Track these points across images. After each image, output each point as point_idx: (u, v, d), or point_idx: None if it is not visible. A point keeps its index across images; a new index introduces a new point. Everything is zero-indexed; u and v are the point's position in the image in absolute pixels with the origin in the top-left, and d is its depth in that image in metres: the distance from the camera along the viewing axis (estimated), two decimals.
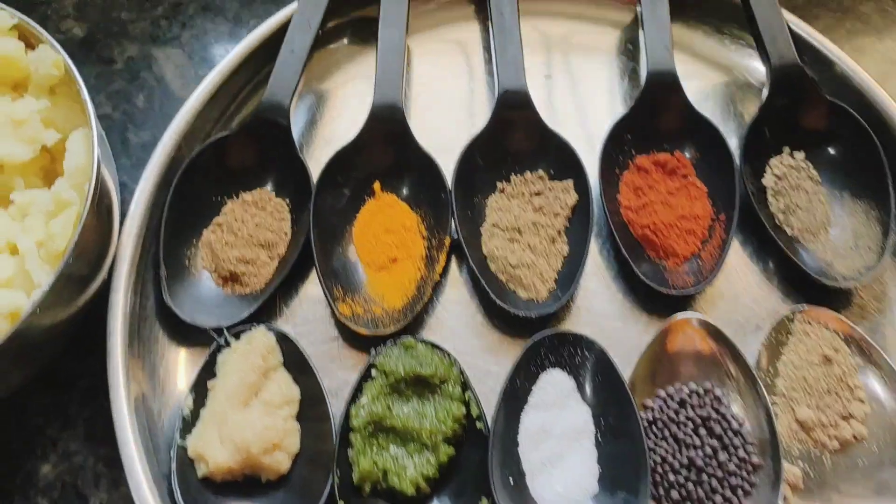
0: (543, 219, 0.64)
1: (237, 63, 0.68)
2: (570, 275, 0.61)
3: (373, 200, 0.65)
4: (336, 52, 0.74)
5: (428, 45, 0.74)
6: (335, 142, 0.66)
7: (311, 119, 0.70)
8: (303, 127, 0.69)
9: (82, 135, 0.55)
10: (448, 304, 0.63)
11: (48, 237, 0.51)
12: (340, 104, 0.71)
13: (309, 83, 0.71)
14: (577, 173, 0.64)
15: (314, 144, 0.69)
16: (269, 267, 0.62)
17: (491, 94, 0.71)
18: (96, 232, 0.53)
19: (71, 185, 0.52)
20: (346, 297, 0.61)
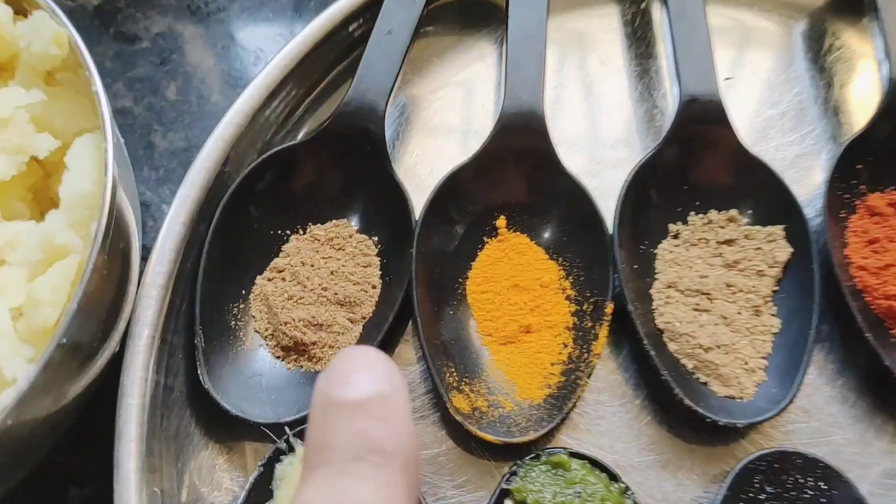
0: (742, 279, 0.45)
1: (309, 46, 0.50)
2: (789, 363, 0.42)
3: (495, 242, 0.47)
4: (442, 39, 0.55)
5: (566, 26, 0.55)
6: (439, 163, 0.48)
7: (406, 129, 0.51)
8: (393, 139, 0.51)
9: (91, 144, 0.36)
10: (602, 397, 0.44)
11: (31, 303, 0.32)
12: (447, 110, 0.52)
13: (402, 79, 0.52)
14: (791, 216, 0.45)
15: (409, 164, 0.50)
16: (349, 334, 0.44)
17: (654, 106, 0.52)
18: (106, 291, 0.35)
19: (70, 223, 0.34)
20: (462, 383, 0.42)
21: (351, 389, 0.23)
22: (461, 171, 0.46)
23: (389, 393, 0.23)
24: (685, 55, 0.48)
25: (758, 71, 0.54)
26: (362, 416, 0.23)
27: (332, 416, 0.23)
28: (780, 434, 0.43)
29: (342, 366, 0.24)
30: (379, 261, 0.46)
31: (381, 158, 0.46)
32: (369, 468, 0.22)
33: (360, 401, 0.23)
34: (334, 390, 0.23)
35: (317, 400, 0.24)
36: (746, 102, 0.52)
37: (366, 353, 0.24)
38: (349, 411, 0.23)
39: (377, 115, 0.46)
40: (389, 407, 0.23)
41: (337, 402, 0.23)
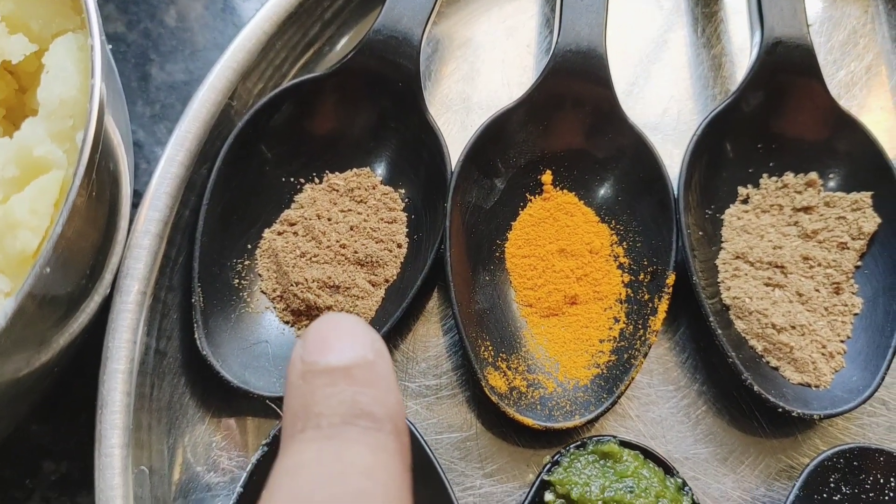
0: (821, 252, 0.40)
1: None
2: (872, 349, 0.38)
3: (539, 201, 0.42)
4: None
5: None
6: (479, 107, 0.43)
7: (440, 69, 0.46)
8: (425, 79, 0.46)
9: (73, 44, 0.31)
10: (654, 380, 0.40)
11: (7, 226, 0.28)
12: (488, 47, 0.47)
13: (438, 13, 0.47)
14: (881, 182, 0.41)
15: (442, 109, 0.45)
16: (370, 299, 0.39)
17: (730, 47, 0.47)
18: (92, 222, 0.31)
19: (51, 134, 0.29)
20: (499, 359, 0.38)
21: (333, 355, 0.23)
22: (505, 115, 0.41)
23: (373, 359, 0.23)
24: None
25: (839, 19, 0.49)
26: (346, 382, 0.23)
27: (314, 382, 0.23)
28: (854, 427, 0.39)
29: (321, 332, 0.24)
30: (406, 216, 0.42)
31: (414, 98, 0.41)
32: (360, 432, 0.22)
33: (344, 366, 0.23)
34: (314, 356, 0.23)
35: (294, 366, 0.24)
36: (827, 53, 0.48)
37: (345, 318, 0.25)
38: (332, 376, 0.23)
39: (411, 46, 0.41)
40: (374, 372, 0.23)
41: (318, 367, 0.23)
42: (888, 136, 0.44)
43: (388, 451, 0.22)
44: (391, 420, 0.23)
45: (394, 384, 0.24)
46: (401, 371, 0.40)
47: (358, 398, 0.22)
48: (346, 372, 0.23)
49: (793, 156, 0.43)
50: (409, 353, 0.40)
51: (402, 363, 0.40)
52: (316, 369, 0.23)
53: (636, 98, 0.46)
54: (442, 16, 0.48)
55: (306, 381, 0.23)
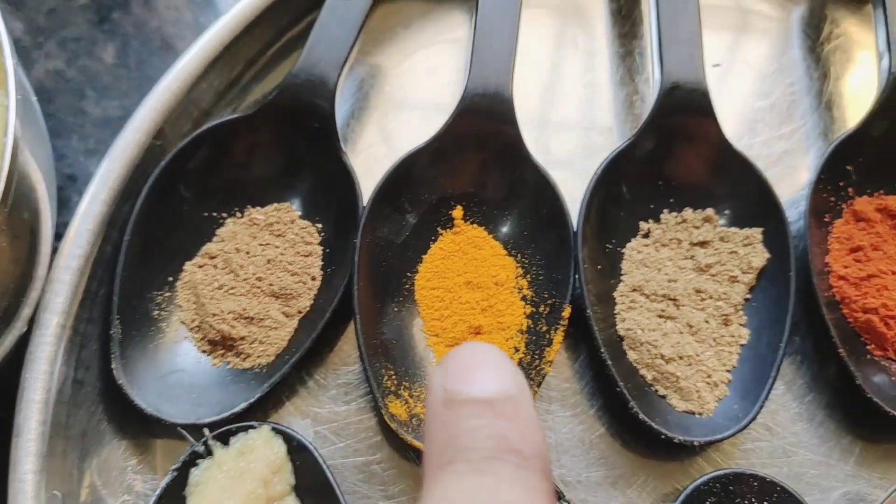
0: (713, 285, 0.44)
1: (258, 9, 0.48)
2: (754, 378, 0.41)
3: (450, 235, 0.45)
4: (408, 7, 0.53)
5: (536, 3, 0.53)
6: (397, 144, 0.47)
7: (364, 106, 0.50)
8: (347, 117, 0.49)
9: None
10: (553, 406, 0.43)
11: None
12: (411, 86, 0.50)
13: (361, 51, 0.51)
14: (770, 218, 0.44)
15: (363, 145, 0.48)
16: (283, 330, 0.42)
17: (635, 92, 0.50)
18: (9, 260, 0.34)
19: None
20: (402, 387, 0.41)
21: (478, 386, 0.23)
22: (416, 155, 0.44)
23: (517, 393, 0.23)
24: (671, 37, 0.46)
25: (749, 58, 0.52)
26: (492, 415, 0.22)
27: (459, 412, 0.23)
28: (739, 452, 0.42)
29: (463, 361, 0.24)
30: (321, 250, 0.45)
31: (329, 137, 0.44)
32: (511, 469, 0.22)
33: (489, 399, 0.23)
34: (458, 385, 0.23)
35: (435, 394, 0.24)
36: (734, 92, 0.51)
37: (489, 349, 0.24)
38: (478, 409, 0.23)
39: (328, 88, 0.44)
40: (519, 407, 0.23)
41: (462, 397, 0.23)
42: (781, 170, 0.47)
43: (539, 492, 0.22)
44: (539, 458, 0.22)
45: (537, 421, 0.24)
46: (311, 397, 0.43)
47: (506, 433, 0.22)
48: (491, 405, 0.23)
49: (691, 193, 0.46)
50: (320, 380, 0.43)
51: (314, 390, 0.43)
52: (460, 399, 0.23)
53: (549, 135, 0.49)
54: (367, 55, 0.51)
55: (450, 410, 0.23)
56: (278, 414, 0.42)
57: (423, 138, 0.45)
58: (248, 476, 0.38)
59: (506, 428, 0.22)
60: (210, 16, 0.53)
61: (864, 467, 0.41)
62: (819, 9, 0.54)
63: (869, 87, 0.50)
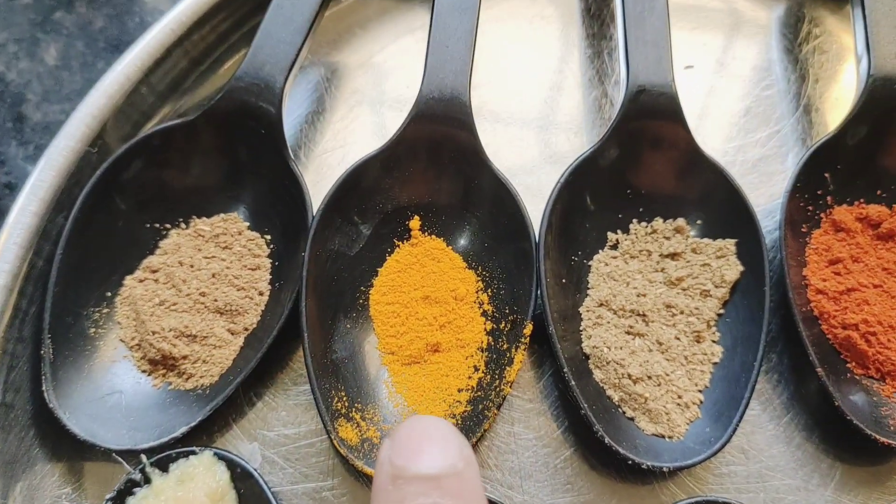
0: (684, 300, 0.42)
1: (202, 9, 0.45)
2: (728, 399, 0.39)
3: (407, 246, 0.43)
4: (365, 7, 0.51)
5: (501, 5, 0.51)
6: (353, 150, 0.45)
7: (319, 110, 0.47)
8: (301, 121, 0.47)
9: None
10: (516, 428, 0.41)
11: None
12: (365, 90, 0.48)
13: (317, 52, 0.49)
14: (744, 229, 0.42)
15: (318, 152, 0.46)
16: (228, 348, 0.40)
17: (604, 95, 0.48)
18: None
19: None
20: (354, 409, 0.39)
21: (423, 462, 0.24)
22: (368, 163, 0.42)
23: (462, 468, 0.24)
24: (637, 38, 0.44)
25: (724, 59, 0.50)
26: (438, 493, 0.23)
27: (405, 489, 0.23)
28: (713, 477, 0.40)
29: (411, 435, 0.24)
30: (270, 263, 0.42)
31: (276, 143, 0.42)
32: None
33: (434, 475, 0.23)
34: (404, 461, 0.24)
35: (382, 468, 0.24)
36: (708, 95, 0.49)
37: (436, 423, 0.25)
38: (423, 486, 0.23)
39: (274, 93, 0.42)
40: (464, 483, 0.23)
41: (408, 474, 0.23)
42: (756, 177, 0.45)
43: None
44: None
45: (482, 496, 0.24)
46: (259, 419, 0.40)
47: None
48: (436, 482, 0.23)
49: (661, 202, 0.44)
50: (269, 401, 0.41)
51: (262, 411, 0.41)
52: (406, 475, 0.23)
53: (511, 140, 0.47)
54: (322, 55, 0.49)
55: (396, 488, 0.23)
56: (224, 438, 0.40)
57: (380, 144, 0.43)
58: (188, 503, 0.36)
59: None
60: (158, 16, 0.50)
61: (845, 493, 0.39)
62: (797, 8, 0.52)
63: (849, 89, 0.48)
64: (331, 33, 0.49)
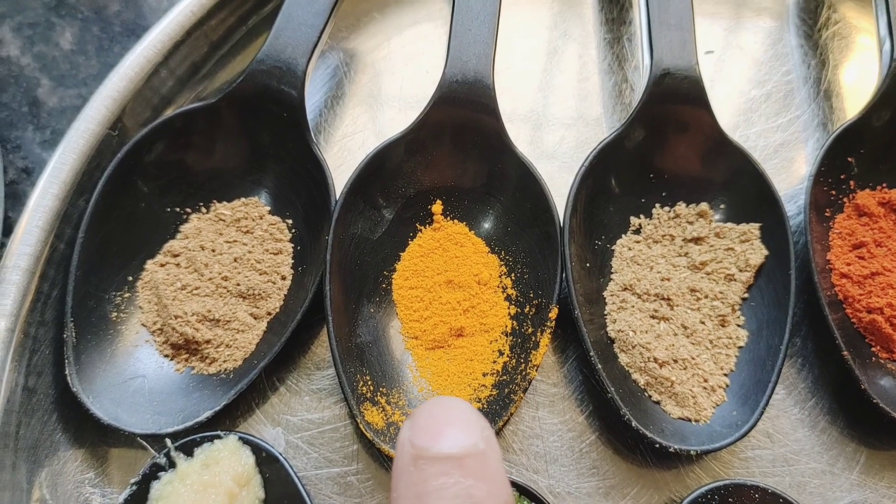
0: (708, 284, 0.42)
1: None
2: (754, 383, 0.39)
3: (430, 231, 0.43)
4: None
5: None
6: (373, 135, 0.44)
7: (338, 94, 0.47)
8: (321, 106, 0.47)
9: None
10: (541, 412, 0.41)
11: None
12: (387, 73, 0.48)
13: (335, 37, 0.49)
14: (768, 213, 0.42)
15: (338, 136, 0.46)
16: (251, 333, 0.40)
17: (624, 80, 0.48)
18: None
19: None
20: (379, 393, 0.39)
21: (445, 442, 0.24)
22: (391, 146, 0.42)
23: (484, 448, 0.24)
24: (661, 21, 0.44)
25: (744, 45, 0.50)
26: (460, 472, 0.23)
27: (427, 470, 0.23)
28: (738, 461, 0.40)
29: (432, 416, 0.25)
30: (292, 247, 0.42)
31: (299, 127, 0.42)
32: None
33: (456, 455, 0.23)
34: (425, 441, 0.24)
35: (403, 448, 0.24)
36: (728, 80, 0.49)
37: (457, 404, 0.25)
38: (445, 465, 0.23)
39: (296, 76, 0.42)
40: (486, 463, 0.23)
41: (430, 454, 0.23)
42: (778, 162, 0.45)
43: None
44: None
45: (504, 476, 0.24)
46: (283, 405, 0.40)
47: (472, 492, 0.23)
48: (458, 462, 0.23)
49: (684, 186, 0.44)
50: (292, 386, 0.41)
51: (285, 396, 0.41)
52: (427, 455, 0.23)
53: (534, 125, 0.47)
54: (341, 40, 0.49)
55: (418, 468, 0.23)
56: (247, 422, 0.40)
57: (400, 128, 0.43)
58: (214, 490, 0.36)
59: (473, 486, 0.23)
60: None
61: (870, 475, 0.40)
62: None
63: (869, 74, 0.48)
64: (349, 18, 0.49)
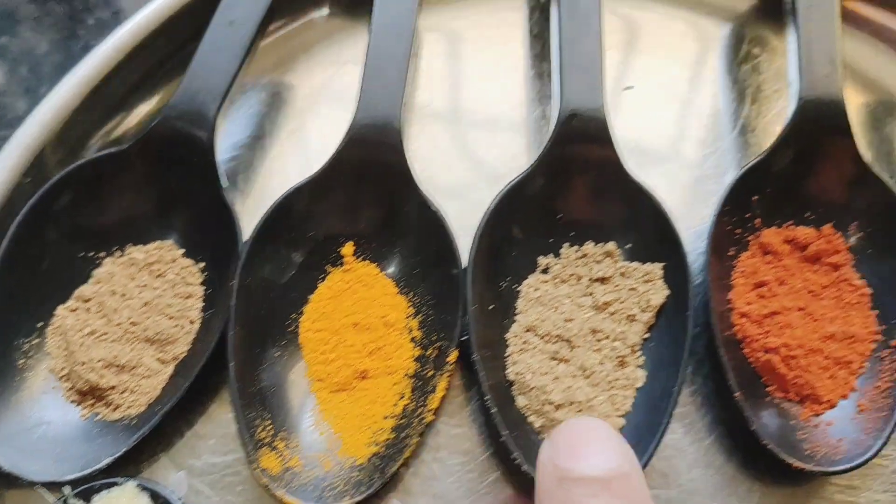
0: (610, 325, 0.42)
1: (143, 35, 0.46)
2: (647, 425, 0.40)
3: (340, 272, 0.44)
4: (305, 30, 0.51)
5: (445, 25, 0.52)
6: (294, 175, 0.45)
7: (258, 134, 0.48)
8: (242, 146, 0.48)
9: None
10: (442, 454, 0.41)
11: None
12: (306, 115, 0.49)
13: (259, 75, 0.49)
14: (671, 252, 0.43)
15: (258, 177, 0.47)
16: (157, 377, 0.41)
17: (542, 116, 0.49)
18: None
19: None
20: (278, 438, 0.40)
21: (590, 463, 0.23)
22: (300, 190, 0.43)
23: (629, 470, 0.23)
24: (571, 63, 0.44)
25: (664, 80, 0.51)
26: (608, 495, 0.23)
27: (573, 490, 0.23)
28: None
29: (573, 437, 0.25)
30: (203, 290, 0.43)
31: (208, 172, 0.43)
32: None
33: (602, 477, 0.23)
34: (569, 463, 0.23)
35: (546, 469, 0.24)
36: (646, 116, 0.50)
37: (599, 426, 0.25)
38: (593, 487, 0.23)
39: (206, 120, 0.43)
40: (632, 486, 0.23)
41: (574, 475, 0.23)
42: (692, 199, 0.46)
43: None
44: None
45: (650, 499, 0.24)
46: (188, 449, 0.41)
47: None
48: (605, 484, 0.23)
49: (592, 226, 0.45)
50: (199, 430, 0.42)
51: (191, 441, 0.41)
52: (573, 476, 0.23)
53: (446, 163, 0.48)
54: (263, 79, 0.50)
55: (564, 489, 0.23)
56: (151, 468, 0.41)
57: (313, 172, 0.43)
58: None
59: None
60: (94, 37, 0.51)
61: None
62: (740, 28, 0.52)
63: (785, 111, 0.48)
64: (273, 57, 0.50)
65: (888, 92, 0.51)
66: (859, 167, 0.44)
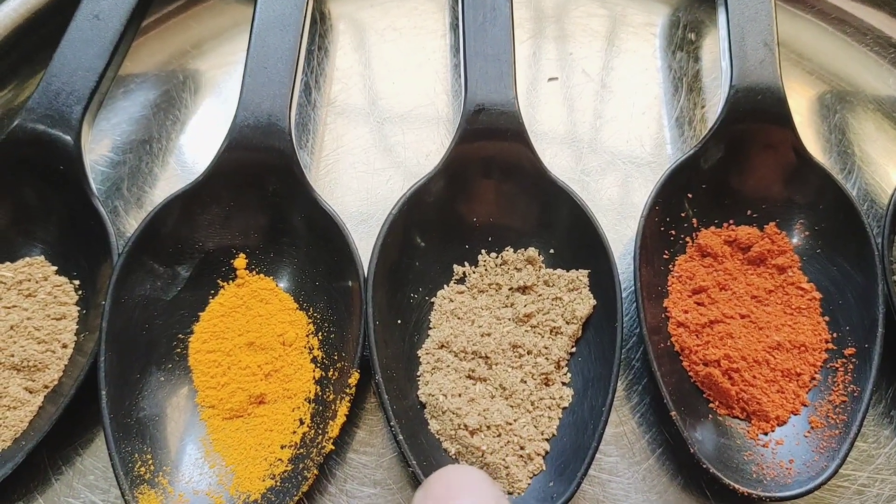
0: (533, 339, 0.39)
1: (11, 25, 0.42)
2: (574, 448, 0.37)
3: (233, 287, 0.40)
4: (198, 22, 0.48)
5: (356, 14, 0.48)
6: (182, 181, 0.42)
7: (143, 138, 0.44)
8: (125, 151, 0.44)
9: None
10: (349, 485, 0.38)
11: None
12: (195, 114, 0.45)
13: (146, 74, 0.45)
14: (597, 257, 0.39)
15: (142, 185, 0.43)
16: (25, 408, 0.37)
17: (454, 110, 0.46)
18: None
19: None
20: (161, 473, 0.36)
21: None
22: (179, 200, 0.39)
23: None
24: (476, 51, 0.41)
25: (595, 69, 0.48)
26: None
27: None
28: None
29: (447, 485, 0.25)
30: (77, 311, 0.39)
31: (77, 179, 0.39)
32: None
33: None
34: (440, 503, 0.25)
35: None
36: (572, 108, 0.46)
37: (471, 474, 0.26)
38: None
39: (70, 124, 0.39)
40: None
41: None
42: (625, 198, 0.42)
43: None
44: None
45: None
46: (66, 487, 0.37)
47: None
48: None
49: (512, 230, 0.41)
50: (77, 465, 0.38)
51: (69, 477, 0.38)
52: None
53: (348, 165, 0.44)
54: (150, 78, 0.46)
55: None
56: None
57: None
58: None
59: None
60: None
61: None
62: (675, 12, 0.49)
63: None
64: (160, 53, 0.46)
65: (839, 78, 0.47)
66: (802, 159, 0.41)
